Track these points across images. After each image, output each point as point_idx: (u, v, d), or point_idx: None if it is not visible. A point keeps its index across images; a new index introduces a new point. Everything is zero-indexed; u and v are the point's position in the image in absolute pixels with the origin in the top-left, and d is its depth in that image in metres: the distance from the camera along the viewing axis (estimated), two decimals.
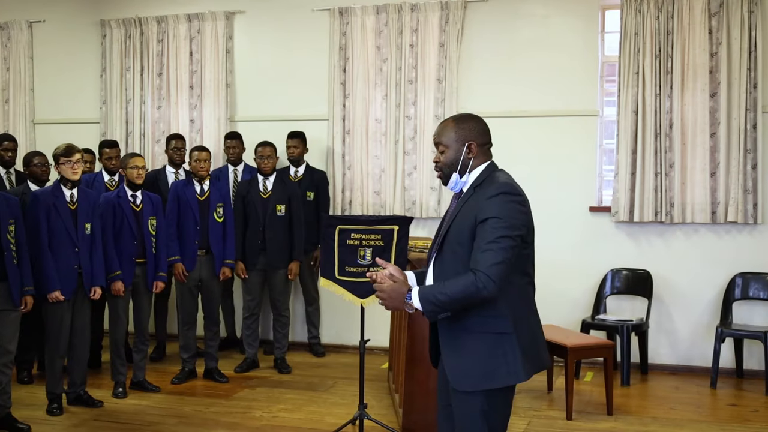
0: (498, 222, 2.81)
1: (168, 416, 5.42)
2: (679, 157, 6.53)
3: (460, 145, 2.98)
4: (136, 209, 5.82)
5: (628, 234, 6.76)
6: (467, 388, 2.91)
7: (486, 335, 2.90)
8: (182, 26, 7.75)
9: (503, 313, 2.89)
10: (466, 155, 2.98)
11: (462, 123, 3.03)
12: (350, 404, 5.63)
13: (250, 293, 6.62)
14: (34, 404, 5.57)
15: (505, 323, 2.89)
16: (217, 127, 7.66)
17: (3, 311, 4.89)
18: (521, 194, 2.92)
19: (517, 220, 2.85)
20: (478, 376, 2.89)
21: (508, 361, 2.88)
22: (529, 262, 3.01)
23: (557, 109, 6.86)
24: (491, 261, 2.76)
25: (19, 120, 8.26)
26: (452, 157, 2.99)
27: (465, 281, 2.77)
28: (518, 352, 2.89)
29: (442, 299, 2.81)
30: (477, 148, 2.99)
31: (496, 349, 2.89)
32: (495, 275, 2.75)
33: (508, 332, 2.89)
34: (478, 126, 3.03)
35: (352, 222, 4.71)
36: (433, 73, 7.10)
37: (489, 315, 2.89)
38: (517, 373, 2.90)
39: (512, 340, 2.89)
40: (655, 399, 5.92)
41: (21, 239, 4.99)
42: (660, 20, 6.54)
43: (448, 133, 3.02)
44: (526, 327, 2.96)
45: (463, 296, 2.78)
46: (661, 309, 6.67)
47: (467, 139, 2.99)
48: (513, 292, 2.91)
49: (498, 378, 2.89)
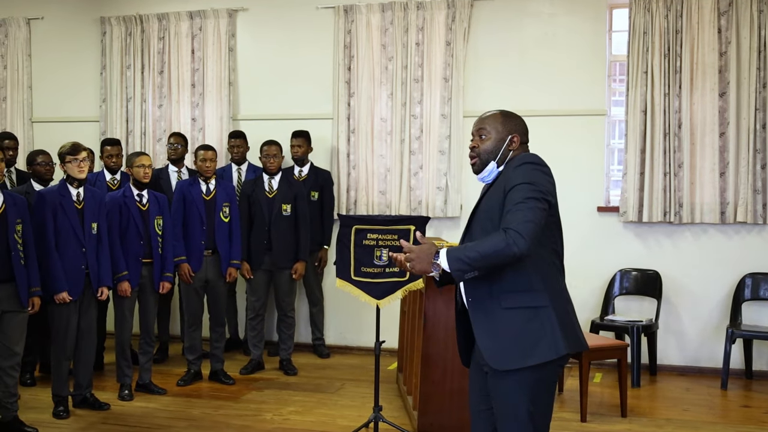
0: (526, 186, 2.79)
1: (177, 419, 5.32)
2: (688, 156, 6.49)
3: (504, 135, 2.99)
4: (142, 209, 5.73)
5: (636, 234, 6.73)
6: (507, 366, 2.83)
7: (522, 310, 2.84)
8: (184, 24, 7.66)
9: (538, 287, 2.85)
10: (508, 146, 2.98)
11: (509, 117, 3.05)
12: (360, 406, 5.57)
13: (255, 294, 6.54)
14: (39, 407, 5.48)
15: (541, 297, 2.84)
16: (220, 125, 7.57)
17: (10, 312, 4.79)
18: (547, 166, 2.91)
19: (545, 187, 2.82)
20: (518, 353, 2.82)
21: (546, 334, 2.82)
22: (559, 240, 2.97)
23: (565, 109, 6.82)
24: (521, 219, 2.72)
25: (17, 118, 8.14)
26: (494, 145, 2.99)
27: (495, 238, 2.72)
28: (557, 325, 2.83)
29: (472, 256, 2.73)
30: (518, 143, 2.99)
31: (533, 323, 2.83)
32: (525, 232, 2.70)
33: (545, 305, 2.84)
34: (523, 125, 3.07)
35: (369, 222, 4.64)
36: (440, 72, 7.04)
37: (524, 290, 2.84)
38: (557, 347, 2.83)
39: (549, 313, 2.84)
40: (667, 400, 5.88)
41: (28, 239, 4.89)
42: (669, 19, 6.51)
43: (495, 122, 3.02)
44: (563, 302, 2.91)
45: (494, 252, 2.71)
46: (670, 310, 6.63)
47: (513, 131, 3.00)
48: (546, 267, 2.88)
49: (538, 353, 2.82)
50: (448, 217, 7.00)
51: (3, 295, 4.72)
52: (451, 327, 4.71)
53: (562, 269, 3.00)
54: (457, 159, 6.97)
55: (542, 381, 2.87)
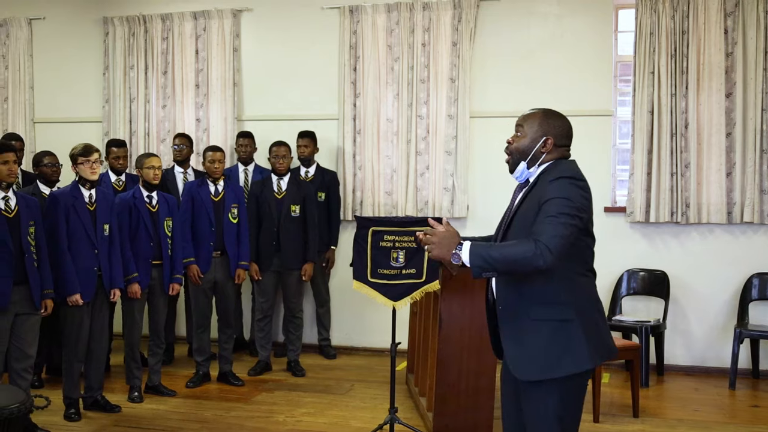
0: (561, 201, 2.78)
1: (189, 421, 5.31)
2: (694, 157, 6.52)
3: (538, 136, 2.96)
4: (152, 210, 5.71)
5: (643, 234, 6.75)
6: (531, 377, 2.86)
7: (549, 322, 2.85)
8: (188, 24, 7.63)
9: (565, 300, 2.85)
10: (540, 147, 2.95)
11: (549, 118, 3.00)
12: (372, 408, 5.56)
13: (263, 295, 6.52)
14: (50, 409, 5.35)
15: (568, 311, 2.85)
16: (224, 126, 7.55)
17: (23, 315, 4.76)
18: (584, 180, 2.90)
19: (580, 203, 2.81)
20: (542, 365, 2.84)
21: (572, 347, 2.84)
22: (590, 252, 2.98)
23: (571, 109, 6.64)
24: (552, 233, 2.72)
25: (19, 119, 8.10)
26: (526, 145, 2.97)
27: (524, 246, 2.72)
28: (583, 339, 2.85)
29: (495, 256, 2.74)
30: (552, 145, 2.96)
31: (559, 335, 2.84)
32: (554, 247, 2.70)
33: (571, 319, 2.85)
34: (564, 127, 3.01)
35: (385, 224, 4.63)
36: (446, 73, 7.03)
37: (551, 302, 2.85)
38: (582, 360, 2.84)
39: (576, 327, 2.85)
40: (676, 400, 5.90)
41: (41, 241, 4.87)
42: (675, 20, 6.53)
43: (533, 121, 2.99)
44: (590, 315, 2.92)
45: (517, 260, 2.72)
46: (677, 310, 6.66)
47: (547, 133, 2.96)
48: (574, 280, 2.89)
49: (563, 366, 2.84)
50: (455, 217, 6.99)
51: (16, 298, 4.69)
52: (466, 328, 4.78)
53: (594, 273, 3.01)
54: (463, 159, 6.97)
55: (571, 391, 2.89)
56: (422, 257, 4.63)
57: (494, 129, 6.84)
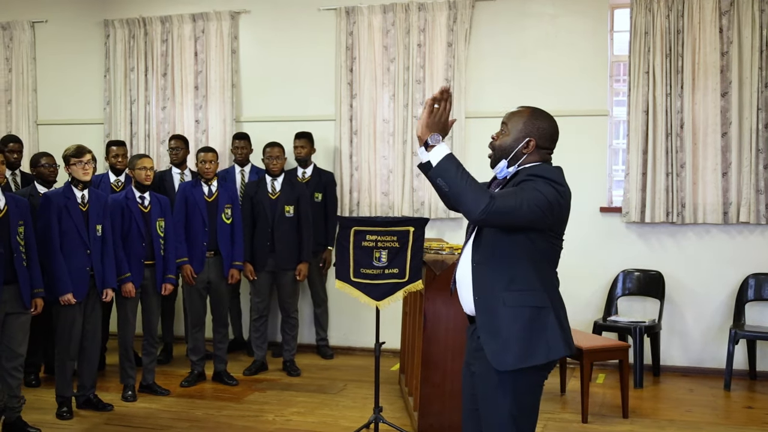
0: (533, 190, 2.78)
1: (180, 420, 5.35)
2: (690, 157, 6.49)
3: (521, 136, 2.93)
4: (144, 211, 5.76)
5: (639, 235, 6.72)
6: (508, 366, 2.83)
7: (523, 309, 2.84)
8: (187, 26, 7.68)
9: (538, 287, 2.86)
10: (522, 148, 2.93)
11: (535, 118, 2.97)
12: (362, 407, 5.58)
13: (258, 295, 6.56)
14: (43, 408, 5.50)
15: (542, 297, 2.86)
16: (223, 127, 7.60)
17: (13, 314, 4.82)
18: (564, 185, 2.88)
19: (550, 202, 2.79)
20: (519, 353, 2.82)
21: (548, 335, 2.84)
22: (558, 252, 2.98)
23: (566, 109, 6.79)
24: (508, 201, 2.73)
25: (22, 121, 8.18)
26: (508, 144, 2.95)
27: (480, 193, 2.70)
28: (557, 327, 2.85)
29: (453, 177, 2.74)
30: (534, 147, 2.94)
31: (536, 323, 2.84)
32: (497, 209, 2.69)
33: (546, 306, 2.86)
34: (549, 129, 2.97)
35: (368, 223, 4.64)
36: (441, 73, 7.04)
37: (525, 289, 2.85)
38: (557, 348, 2.85)
39: (550, 314, 2.86)
40: (670, 401, 5.88)
41: (30, 241, 4.92)
42: (670, 19, 6.50)
43: (518, 120, 2.97)
44: (560, 305, 2.93)
45: (466, 197, 2.72)
46: (673, 310, 6.63)
47: (530, 134, 2.93)
48: (546, 270, 2.90)
49: (539, 354, 2.84)
50: (451, 218, 7.00)
51: (6, 297, 4.75)
52: (451, 329, 4.78)
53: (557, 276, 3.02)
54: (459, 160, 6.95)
55: (528, 384, 2.88)
56: (405, 257, 4.64)
57: (490, 129, 6.54)
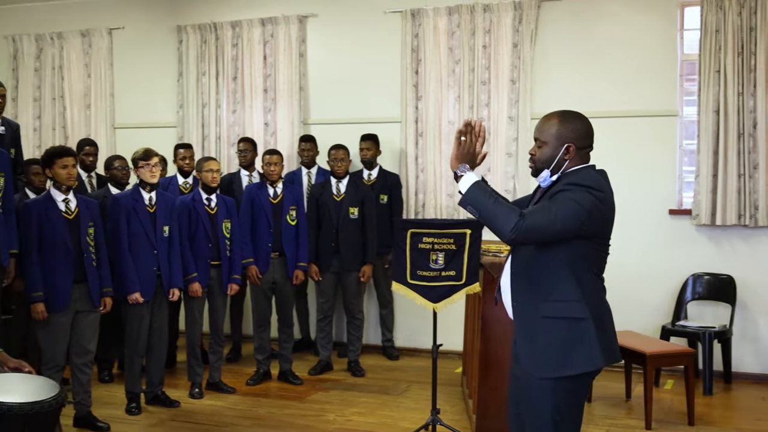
0: (568, 201, 2.77)
1: (243, 418, 5.47)
2: (763, 158, 6.29)
3: (558, 144, 2.91)
4: (210, 212, 5.90)
5: (709, 238, 6.55)
6: (545, 375, 2.85)
7: (562, 320, 2.85)
8: (256, 30, 7.83)
9: (578, 298, 2.84)
10: (563, 156, 2.90)
11: (566, 122, 2.93)
12: (424, 409, 5.58)
13: (323, 295, 6.65)
14: (114, 403, 5.69)
15: (581, 309, 2.84)
16: (291, 129, 7.71)
17: (83, 312, 5.01)
18: (602, 191, 2.84)
19: (588, 210, 2.78)
20: (554, 363, 2.84)
21: (585, 346, 2.83)
22: (603, 257, 2.95)
23: (635, 110, 6.70)
24: (539, 219, 2.75)
25: (101, 125, 8.45)
26: (548, 155, 2.93)
27: (510, 214, 2.75)
28: (595, 338, 2.83)
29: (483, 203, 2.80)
30: (575, 151, 2.91)
31: (571, 334, 2.84)
32: (528, 228, 2.73)
33: (584, 317, 2.84)
34: (582, 127, 2.95)
35: (424, 225, 4.66)
36: (507, 74, 7.01)
37: (565, 300, 2.85)
38: (594, 359, 2.84)
39: (588, 326, 2.84)
40: (740, 409, 5.72)
41: (100, 241, 5.11)
42: (742, 16, 6.32)
43: (549, 130, 2.94)
44: (601, 315, 2.90)
45: (499, 222, 2.77)
46: (746, 316, 6.44)
47: (567, 139, 2.90)
48: (587, 279, 2.88)
49: (574, 364, 2.84)
50: None
51: (76, 296, 4.95)
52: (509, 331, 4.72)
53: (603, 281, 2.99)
54: (525, 161, 6.89)
55: (571, 391, 2.88)
56: (462, 259, 4.63)
57: None
